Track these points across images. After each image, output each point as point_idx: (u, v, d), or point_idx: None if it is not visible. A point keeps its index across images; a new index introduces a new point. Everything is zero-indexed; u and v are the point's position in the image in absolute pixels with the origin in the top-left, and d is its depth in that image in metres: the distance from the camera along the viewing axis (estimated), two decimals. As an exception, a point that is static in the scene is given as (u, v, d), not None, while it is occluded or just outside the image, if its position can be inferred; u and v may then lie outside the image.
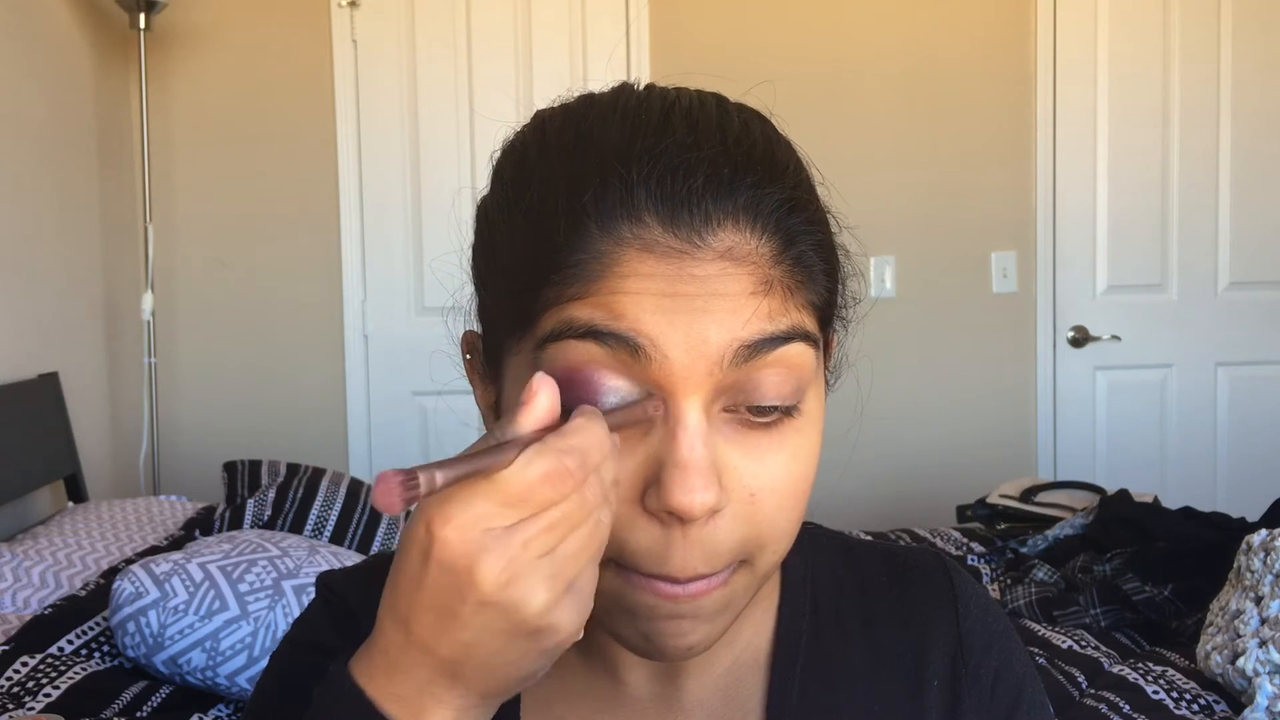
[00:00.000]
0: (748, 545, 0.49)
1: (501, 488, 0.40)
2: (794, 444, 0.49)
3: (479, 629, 0.41)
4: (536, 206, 0.48)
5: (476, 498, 0.40)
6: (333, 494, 2.27)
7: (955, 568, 0.65)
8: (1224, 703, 1.54)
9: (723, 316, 0.46)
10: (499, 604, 0.41)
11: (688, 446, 0.46)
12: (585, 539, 0.42)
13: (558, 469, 0.41)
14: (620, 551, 0.48)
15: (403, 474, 0.37)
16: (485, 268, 0.53)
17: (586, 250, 0.46)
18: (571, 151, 0.49)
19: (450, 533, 0.40)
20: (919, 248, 3.23)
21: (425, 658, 0.43)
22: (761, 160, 0.49)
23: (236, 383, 3.13)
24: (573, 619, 0.42)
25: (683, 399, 0.46)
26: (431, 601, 0.42)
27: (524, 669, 0.43)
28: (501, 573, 0.40)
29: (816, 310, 0.50)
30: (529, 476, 0.40)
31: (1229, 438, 3.34)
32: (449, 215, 3.13)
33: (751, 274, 0.47)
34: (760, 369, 0.47)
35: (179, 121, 3.07)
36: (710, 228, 0.46)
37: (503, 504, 0.40)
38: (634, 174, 0.46)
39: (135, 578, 1.54)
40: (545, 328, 0.47)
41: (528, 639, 0.42)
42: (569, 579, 0.42)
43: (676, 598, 0.48)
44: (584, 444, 0.42)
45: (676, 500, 0.45)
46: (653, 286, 0.46)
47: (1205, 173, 3.27)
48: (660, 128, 0.48)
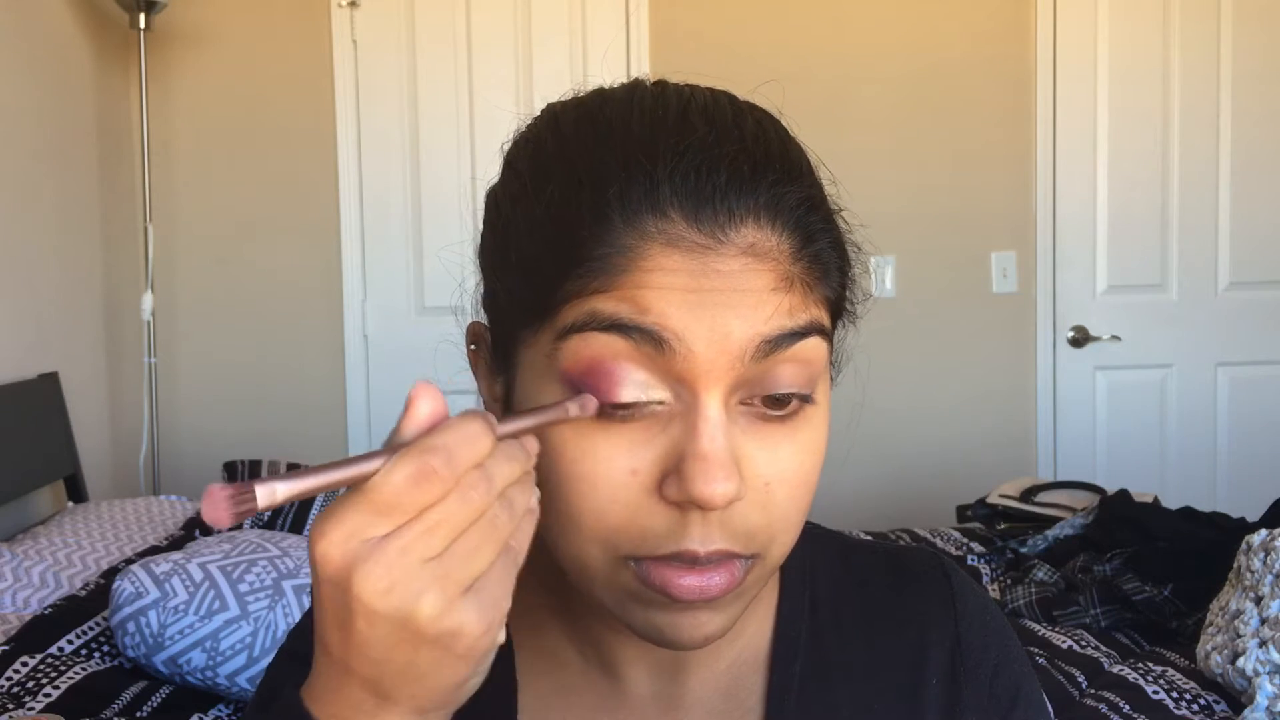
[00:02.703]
0: (761, 534, 0.50)
1: (371, 496, 0.40)
2: (805, 435, 0.50)
3: (378, 643, 0.41)
4: (558, 200, 0.49)
5: (349, 510, 0.40)
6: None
7: (953, 567, 0.65)
8: (1224, 703, 1.54)
9: (745, 312, 0.47)
10: (385, 613, 0.40)
11: (709, 438, 0.47)
12: (481, 537, 0.41)
13: (422, 470, 0.39)
14: (638, 542, 0.48)
15: (234, 487, 0.37)
16: (498, 258, 0.53)
17: (611, 244, 0.47)
18: (592, 146, 0.49)
19: (328, 547, 0.40)
20: (919, 248, 3.23)
21: (347, 677, 0.42)
22: (779, 158, 0.49)
23: (236, 383, 3.13)
24: (478, 620, 0.41)
25: (704, 392, 0.47)
26: (332, 620, 0.41)
27: (448, 678, 0.42)
28: (379, 581, 0.39)
29: (830, 305, 0.51)
30: (395, 480, 0.39)
31: (1229, 438, 3.34)
32: (449, 214, 3.15)
33: (773, 270, 0.47)
34: (778, 363, 0.48)
35: (179, 121, 3.07)
36: (734, 224, 0.47)
37: (376, 513, 0.40)
38: (659, 169, 0.47)
39: (135, 578, 1.54)
40: (566, 320, 0.47)
41: (432, 646, 0.41)
42: (465, 580, 0.41)
43: (695, 594, 0.48)
44: (449, 441, 0.40)
45: (699, 490, 0.46)
46: (678, 281, 0.46)
47: (1205, 173, 3.27)
48: (680, 124, 0.49)
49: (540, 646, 0.59)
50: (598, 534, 0.48)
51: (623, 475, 0.48)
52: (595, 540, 0.49)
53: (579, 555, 0.50)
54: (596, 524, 0.48)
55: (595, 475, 0.48)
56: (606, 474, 0.48)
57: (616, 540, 0.49)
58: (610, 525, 0.48)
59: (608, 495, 0.48)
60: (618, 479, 0.48)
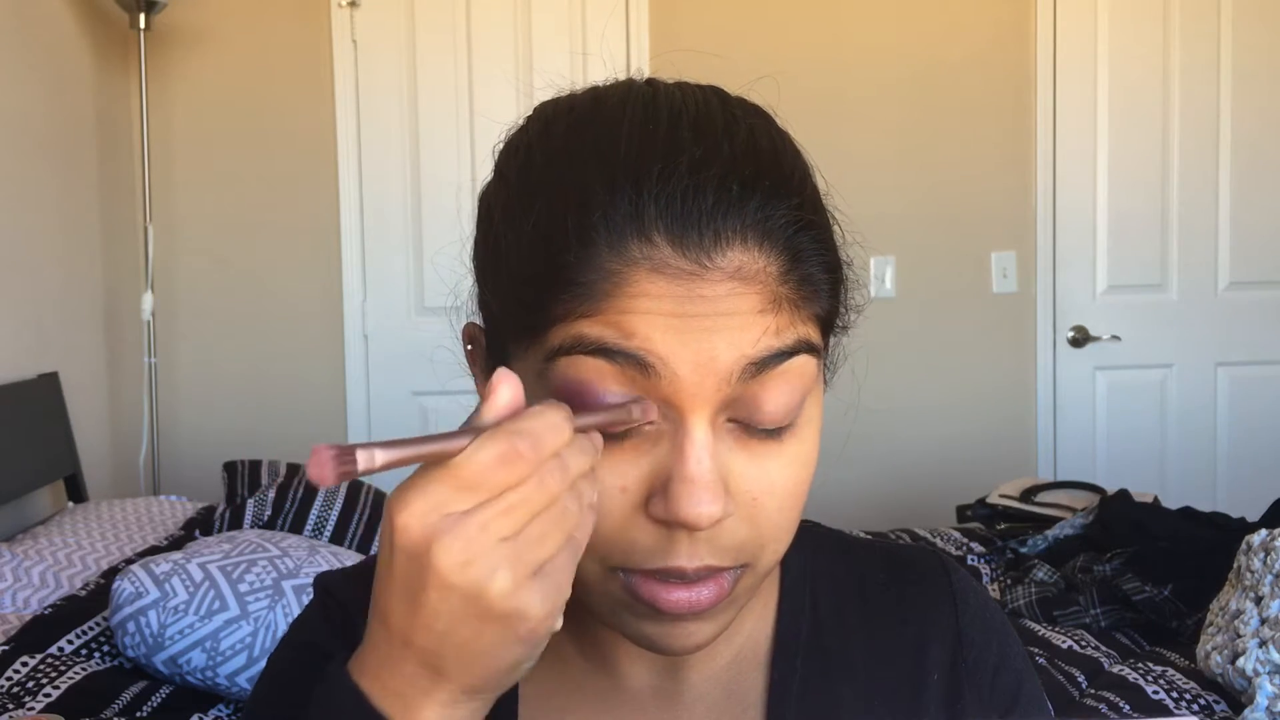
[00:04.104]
0: (749, 546, 0.50)
1: (456, 472, 0.41)
2: (793, 449, 0.50)
3: (446, 616, 0.41)
4: (544, 219, 0.48)
5: (433, 484, 0.41)
6: (333, 494, 2.27)
7: (953, 565, 0.66)
8: (1224, 703, 1.54)
9: (732, 335, 0.47)
10: (459, 587, 0.41)
11: (695, 460, 0.47)
12: (551, 523, 0.42)
13: (509, 451, 0.41)
14: (627, 555, 0.49)
15: (337, 449, 0.38)
16: (490, 267, 0.53)
17: (597, 269, 0.47)
18: (579, 163, 0.49)
19: (409, 519, 0.41)
20: (919, 248, 3.23)
21: (406, 650, 0.43)
22: (769, 171, 0.49)
23: (236, 383, 3.13)
24: (542, 603, 0.42)
25: (690, 414, 0.47)
26: (401, 590, 0.42)
27: (503, 659, 0.43)
28: (459, 554, 0.40)
29: (820, 321, 0.51)
30: (481, 459, 0.41)
31: (1229, 438, 3.34)
32: (449, 215, 3.14)
33: (760, 293, 0.47)
34: (766, 381, 0.48)
35: (179, 121, 3.07)
36: (719, 247, 0.47)
37: (459, 488, 0.41)
38: (644, 193, 0.47)
39: (135, 578, 1.54)
40: (554, 342, 0.48)
41: (497, 624, 0.42)
42: (534, 563, 0.42)
43: (683, 607, 0.49)
44: (536, 427, 0.42)
45: (685, 513, 0.46)
46: (663, 307, 0.46)
47: (1205, 173, 3.27)
48: (669, 140, 0.48)
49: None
50: (589, 546, 0.48)
51: (612, 492, 0.48)
52: (586, 552, 0.49)
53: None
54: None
55: None
56: (598, 491, 0.48)
57: (606, 552, 0.49)
58: (599, 538, 0.48)
59: (598, 511, 0.48)
60: (608, 495, 0.48)
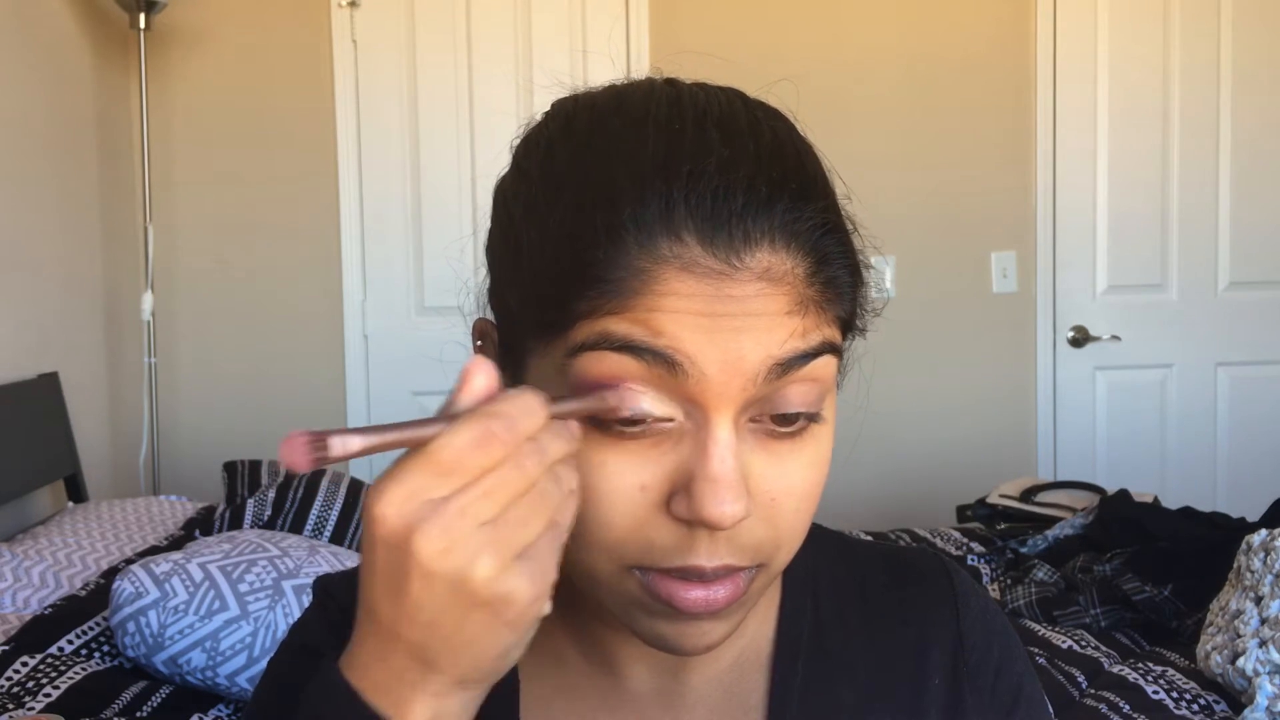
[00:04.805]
0: (766, 546, 0.50)
1: (432, 457, 0.41)
2: (811, 449, 0.50)
3: (431, 605, 0.41)
4: (570, 216, 0.48)
5: (408, 471, 0.41)
6: (333, 494, 2.27)
7: (955, 567, 0.66)
8: (1224, 703, 1.54)
9: (759, 335, 0.47)
10: (442, 574, 0.40)
11: (719, 460, 0.47)
12: (531, 506, 0.42)
13: (484, 433, 0.41)
14: (644, 553, 0.49)
15: (311, 434, 0.38)
16: (508, 264, 0.53)
17: (625, 267, 0.46)
18: (606, 160, 0.49)
19: (386, 508, 0.41)
20: (919, 248, 3.23)
21: (394, 643, 0.43)
22: (795, 174, 0.49)
23: (236, 383, 3.12)
24: (527, 587, 0.42)
25: (715, 414, 0.47)
26: (384, 582, 0.42)
27: (491, 646, 0.43)
28: (438, 540, 0.40)
29: (841, 323, 0.51)
30: (456, 443, 0.40)
31: (1229, 438, 3.34)
32: (449, 214, 3.15)
33: (787, 294, 0.47)
34: (790, 382, 0.48)
35: (179, 121, 3.07)
36: (749, 248, 0.46)
37: (436, 474, 0.40)
38: (674, 191, 0.47)
39: (135, 578, 1.54)
40: (578, 338, 0.47)
41: (483, 610, 0.41)
42: (517, 546, 0.42)
43: (700, 607, 0.49)
44: (510, 410, 0.41)
45: (708, 512, 0.46)
46: (692, 306, 0.46)
47: (1205, 173, 3.27)
48: (697, 139, 0.48)
49: (542, 645, 0.59)
50: (604, 544, 0.49)
51: (631, 490, 0.48)
52: (602, 550, 0.49)
53: (586, 563, 0.50)
54: (603, 535, 0.48)
55: (604, 489, 0.48)
56: (616, 488, 0.48)
57: (622, 550, 0.49)
58: (616, 536, 0.48)
59: (615, 508, 0.48)
60: (626, 493, 0.48)
